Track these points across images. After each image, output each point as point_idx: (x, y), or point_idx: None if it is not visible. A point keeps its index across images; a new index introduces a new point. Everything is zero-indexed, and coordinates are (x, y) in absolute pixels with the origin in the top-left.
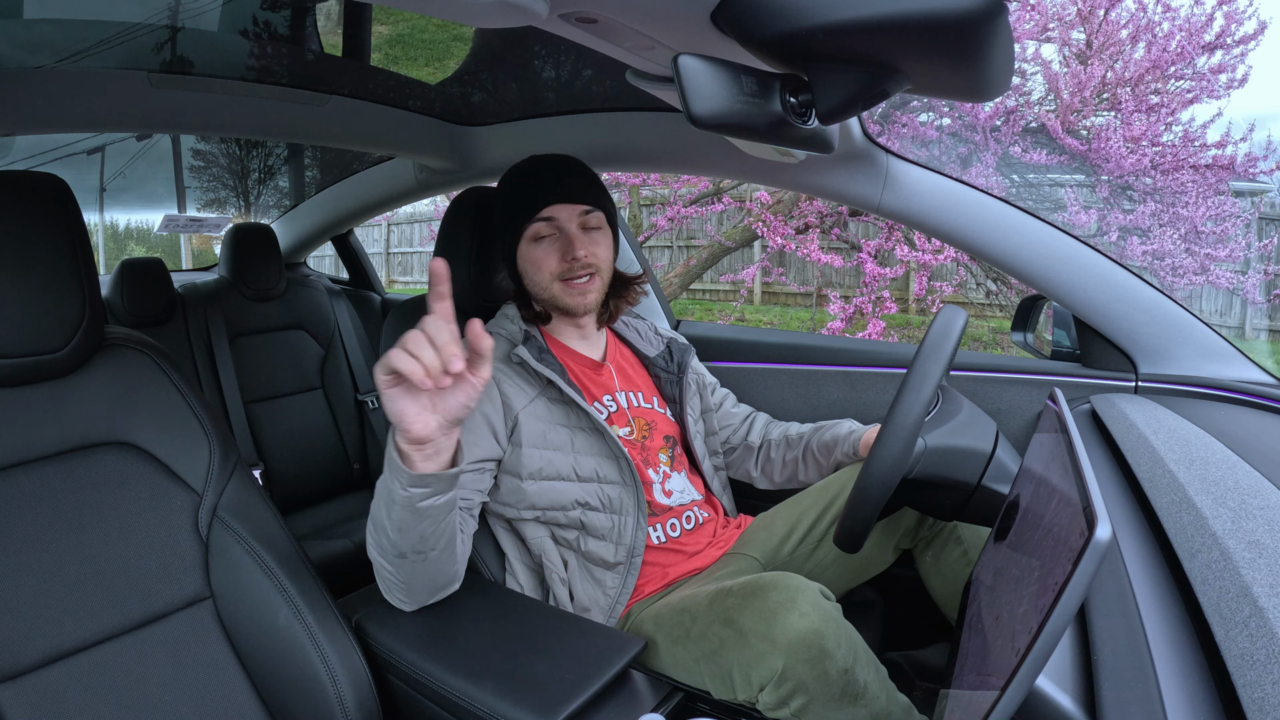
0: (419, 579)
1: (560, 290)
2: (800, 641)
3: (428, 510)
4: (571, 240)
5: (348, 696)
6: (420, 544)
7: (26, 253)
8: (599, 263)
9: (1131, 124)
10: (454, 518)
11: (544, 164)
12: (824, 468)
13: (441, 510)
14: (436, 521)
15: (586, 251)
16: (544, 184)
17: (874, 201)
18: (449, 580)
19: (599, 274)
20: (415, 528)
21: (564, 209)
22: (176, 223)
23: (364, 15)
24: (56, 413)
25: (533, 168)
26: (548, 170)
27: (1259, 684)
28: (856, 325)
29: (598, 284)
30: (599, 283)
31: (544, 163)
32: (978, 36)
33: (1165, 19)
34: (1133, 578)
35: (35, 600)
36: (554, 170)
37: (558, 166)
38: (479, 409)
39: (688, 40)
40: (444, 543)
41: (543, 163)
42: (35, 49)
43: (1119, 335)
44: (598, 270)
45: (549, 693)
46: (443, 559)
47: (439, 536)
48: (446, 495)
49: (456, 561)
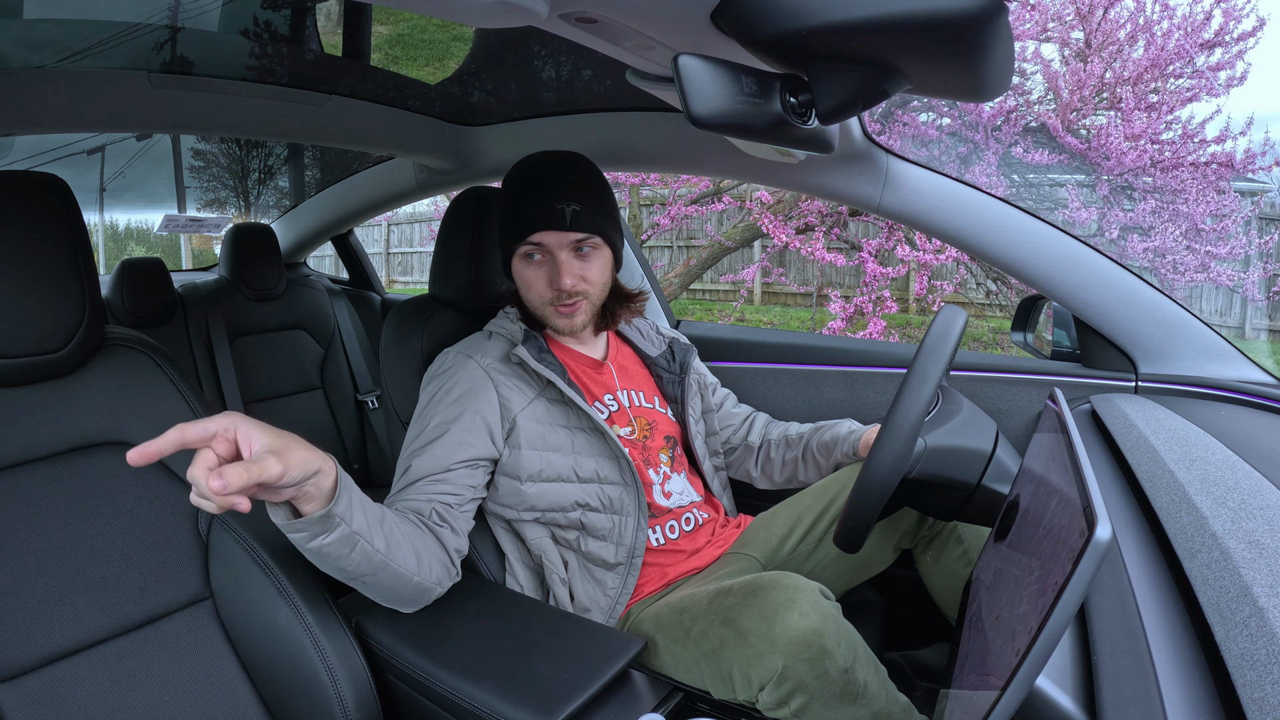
0: (387, 595)
1: (549, 313)
2: (800, 641)
3: (323, 549)
4: (560, 269)
5: (348, 696)
6: (352, 574)
7: (26, 253)
8: (589, 287)
9: (1132, 122)
10: (374, 544)
11: (543, 175)
12: (824, 468)
13: (339, 546)
14: (342, 556)
15: (574, 280)
16: (538, 206)
17: (874, 201)
18: (419, 590)
19: (588, 298)
20: (327, 563)
21: (554, 236)
22: (176, 223)
23: (364, 15)
24: (56, 413)
25: (532, 178)
26: (545, 188)
27: (1259, 684)
28: (857, 325)
29: (585, 307)
30: (588, 305)
31: (544, 173)
32: (977, 36)
33: (1164, 17)
34: (1133, 578)
35: (35, 600)
36: (550, 189)
37: (555, 183)
38: (475, 409)
39: (688, 40)
40: (375, 568)
41: (543, 172)
42: (35, 48)
43: (1119, 335)
44: (586, 295)
45: (549, 693)
46: (392, 578)
47: (364, 564)
48: (333, 534)
49: (415, 574)
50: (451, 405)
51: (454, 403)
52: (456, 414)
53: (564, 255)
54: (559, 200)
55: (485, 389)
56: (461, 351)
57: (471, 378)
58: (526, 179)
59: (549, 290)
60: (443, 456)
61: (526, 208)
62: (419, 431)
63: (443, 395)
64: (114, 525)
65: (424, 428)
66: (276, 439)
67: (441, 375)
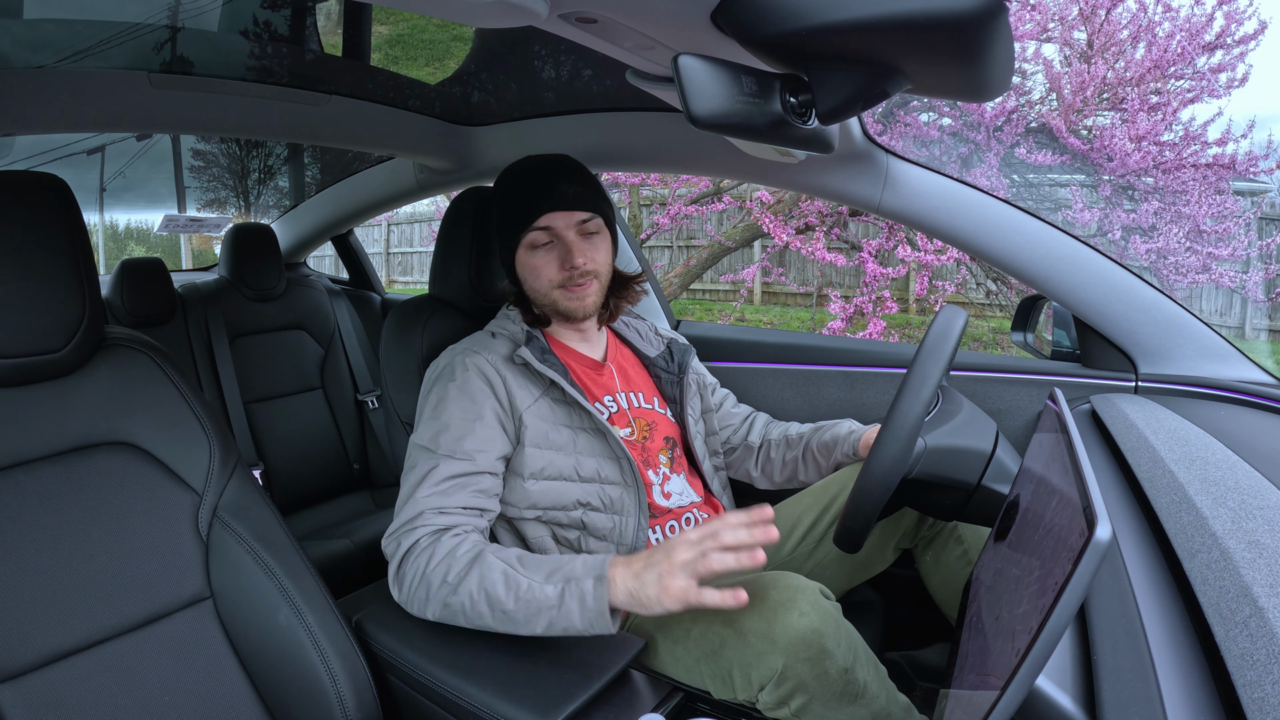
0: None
1: (560, 296)
2: (800, 641)
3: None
4: (570, 248)
5: (348, 696)
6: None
7: (26, 253)
8: (598, 268)
9: (1136, 123)
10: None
11: (539, 168)
12: (824, 468)
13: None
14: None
15: (585, 259)
16: (540, 191)
17: (874, 201)
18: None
19: (598, 278)
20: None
21: (561, 217)
22: (176, 223)
23: (364, 15)
24: (56, 413)
25: (528, 173)
26: (543, 176)
27: (1259, 684)
28: (857, 325)
29: (596, 287)
30: (597, 286)
31: (539, 166)
32: (978, 37)
33: (1166, 19)
34: (1133, 578)
35: (35, 600)
36: (549, 176)
37: (553, 171)
38: (492, 406)
39: (688, 40)
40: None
41: (538, 166)
42: (35, 48)
43: (1119, 335)
44: (596, 275)
45: (549, 693)
46: None
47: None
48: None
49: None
50: (470, 403)
51: (472, 400)
52: (478, 412)
53: (571, 235)
54: (560, 183)
55: (498, 386)
56: (469, 349)
57: (484, 374)
58: (521, 175)
59: (560, 272)
60: (475, 454)
61: (529, 195)
62: (440, 428)
63: (457, 393)
64: (114, 525)
65: (445, 425)
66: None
67: (452, 371)
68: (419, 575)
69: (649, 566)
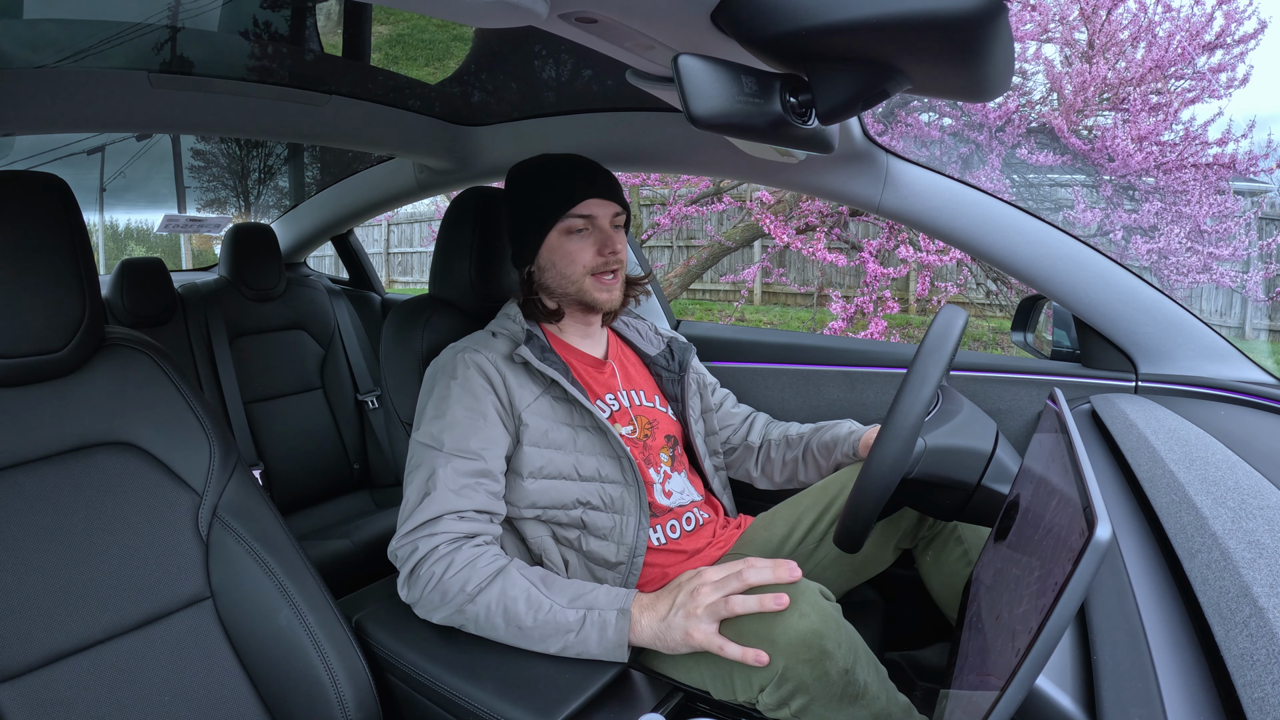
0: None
1: (591, 284)
2: (800, 642)
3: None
4: (609, 237)
5: (348, 696)
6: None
7: (26, 253)
8: (624, 261)
9: (1138, 123)
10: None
11: (572, 159)
12: (824, 468)
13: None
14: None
15: (620, 249)
16: (583, 177)
17: (874, 201)
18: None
19: (623, 272)
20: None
21: (601, 205)
22: (176, 223)
23: (364, 15)
24: (56, 413)
25: (561, 162)
26: (581, 167)
27: (1259, 684)
28: (857, 325)
29: (622, 281)
30: (623, 279)
31: (571, 158)
32: (978, 37)
33: (1166, 19)
34: (1133, 578)
35: (36, 600)
36: (588, 167)
37: (588, 164)
38: (490, 405)
39: (688, 40)
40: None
41: (570, 158)
42: (35, 48)
43: (1119, 335)
44: (622, 268)
45: (549, 693)
46: None
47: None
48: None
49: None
50: (474, 400)
51: (475, 398)
52: (481, 409)
53: (608, 225)
54: (599, 174)
55: (498, 384)
56: (470, 347)
57: (484, 372)
58: (548, 165)
59: (595, 258)
60: (482, 452)
61: (570, 181)
62: (445, 426)
63: (460, 390)
64: (114, 525)
65: (450, 423)
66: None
67: (453, 369)
68: (435, 581)
69: (674, 609)
